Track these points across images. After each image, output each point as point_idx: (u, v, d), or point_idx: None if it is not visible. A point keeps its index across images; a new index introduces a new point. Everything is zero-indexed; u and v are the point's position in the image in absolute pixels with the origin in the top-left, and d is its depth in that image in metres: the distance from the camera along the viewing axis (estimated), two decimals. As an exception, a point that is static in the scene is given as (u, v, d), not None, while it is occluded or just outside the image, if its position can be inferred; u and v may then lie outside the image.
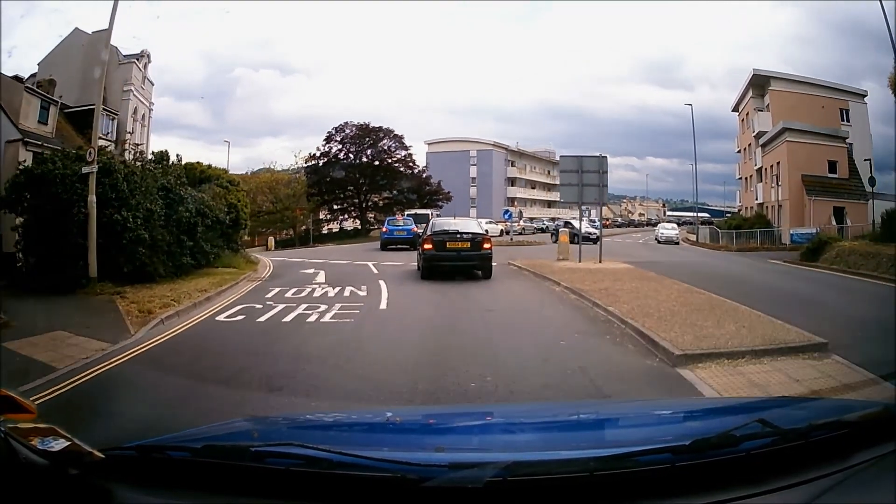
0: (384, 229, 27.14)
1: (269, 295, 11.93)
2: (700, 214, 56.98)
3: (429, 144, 63.39)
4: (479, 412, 2.92)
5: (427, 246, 14.27)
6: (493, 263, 14.79)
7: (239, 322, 9.25)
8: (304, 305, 10.31)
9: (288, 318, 9.20)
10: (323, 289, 12.62)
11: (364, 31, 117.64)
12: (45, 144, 20.19)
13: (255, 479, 1.23)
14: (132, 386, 6.03)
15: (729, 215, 54.85)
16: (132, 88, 25.89)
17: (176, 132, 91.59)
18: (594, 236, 30.34)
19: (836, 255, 20.33)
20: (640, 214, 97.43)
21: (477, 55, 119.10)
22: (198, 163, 18.90)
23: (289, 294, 11.97)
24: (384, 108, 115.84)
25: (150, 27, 78.13)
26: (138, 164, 14.98)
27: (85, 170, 12.96)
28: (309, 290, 12.52)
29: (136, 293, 11.47)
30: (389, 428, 2.07)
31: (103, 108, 25.21)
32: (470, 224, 15.82)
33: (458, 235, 14.22)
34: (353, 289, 12.37)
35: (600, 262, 17.81)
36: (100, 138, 24.67)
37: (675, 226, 41.81)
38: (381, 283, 13.30)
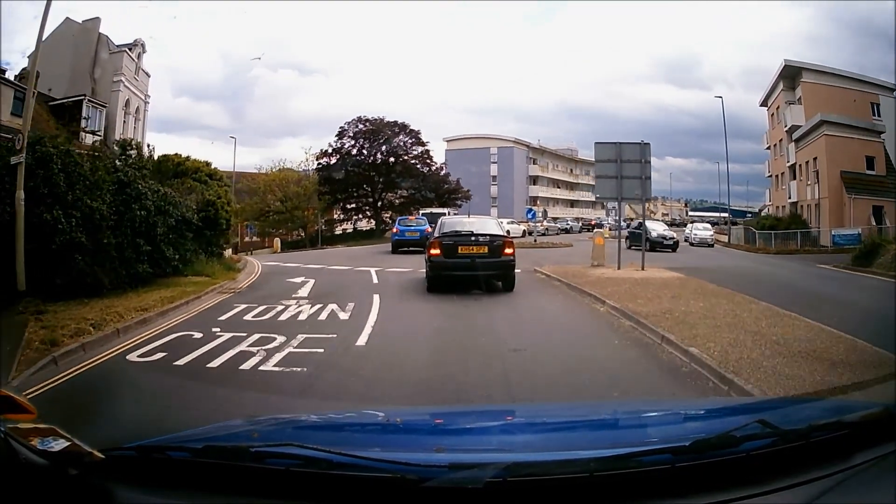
0: (395, 230, 23.75)
1: (225, 317, 8.92)
2: (722, 214, 53.70)
3: (447, 142, 59.73)
4: (479, 412, 2.73)
5: (434, 251, 11.02)
6: (517, 270, 11.58)
7: (150, 365, 6.24)
8: (255, 336, 7.25)
9: (218, 362, 6.11)
10: (298, 307, 9.57)
11: (381, 31, 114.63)
12: (14, 137, 17.77)
13: (255, 480, 1.19)
14: None
15: (750, 215, 51.58)
16: (123, 79, 23.28)
17: (196, 133, 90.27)
18: (670, 241, 24.93)
19: (892, 260, 17.78)
20: (664, 214, 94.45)
21: (494, 55, 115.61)
22: (175, 154, 16.18)
23: (250, 315, 8.94)
24: (402, 107, 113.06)
25: (167, 28, 76.41)
26: (85, 153, 12.28)
27: (13, 160, 10.24)
28: (280, 308, 9.48)
29: (61, 313, 8.71)
30: (389, 428, 1.93)
31: (90, 100, 22.79)
32: (487, 224, 12.41)
33: (473, 238, 11.02)
34: (335, 308, 9.27)
35: (643, 269, 14.52)
36: (86, 132, 22.31)
37: (708, 226, 37.57)
38: (376, 298, 10.19)
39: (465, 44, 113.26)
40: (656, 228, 26.04)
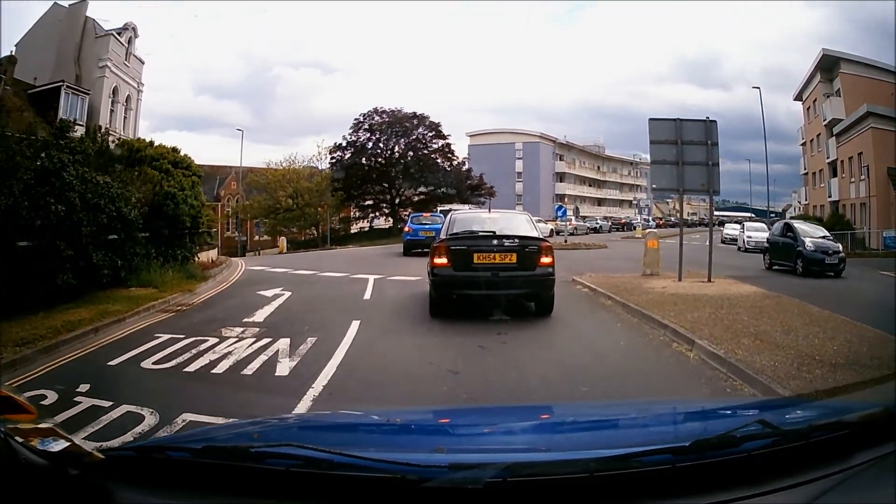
0: (407, 229, 20.04)
1: (119, 360, 5.72)
2: (745, 214, 50.56)
3: (470, 136, 55.80)
4: (479, 412, 2.69)
5: (439, 260, 7.49)
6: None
7: None
8: (119, 412, 4.25)
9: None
10: (235, 343, 6.33)
11: (401, 31, 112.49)
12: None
13: (255, 480, 1.14)
14: None
15: (774, 215, 47.76)
16: (108, 64, 20.58)
17: (218, 131, 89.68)
18: (835, 258, 14.31)
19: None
20: (692, 214, 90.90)
21: (516, 55, 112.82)
22: (138, 139, 13.29)
23: (153, 360, 5.63)
24: (424, 107, 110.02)
25: (188, 26, 74.97)
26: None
27: None
28: (209, 344, 6.29)
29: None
30: (389, 428, 1.82)
31: (68, 86, 20.20)
32: (515, 221, 8.55)
33: (496, 242, 7.48)
34: (283, 348, 5.95)
35: (710, 280, 11.05)
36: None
37: (763, 226, 32.37)
38: (353, 327, 6.94)
39: (487, 44, 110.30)
40: (812, 235, 15.13)
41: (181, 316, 8.45)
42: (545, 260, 7.43)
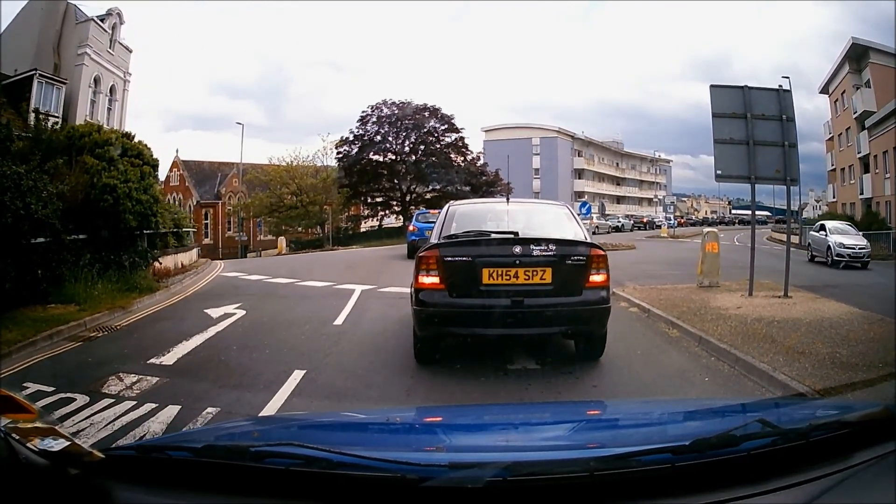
0: (411, 228, 17.35)
1: None
2: (763, 213, 47.70)
3: (486, 132, 53.01)
4: (479, 412, 2.47)
5: (427, 279, 4.73)
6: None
7: None
8: None
9: None
10: (111, 405, 3.95)
11: (416, 30, 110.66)
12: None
13: (255, 479, 1.10)
14: None
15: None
16: (88, 51, 18.48)
17: (234, 130, 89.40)
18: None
19: None
20: (713, 212, 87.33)
21: (531, 54, 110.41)
22: (85, 123, 11.05)
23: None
24: (439, 104, 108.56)
25: (203, 27, 74.15)
26: None
27: None
28: (75, 405, 3.89)
29: None
30: (389, 428, 1.78)
31: (41, 74, 18.16)
32: (548, 217, 5.77)
33: (518, 250, 4.65)
34: (160, 425, 3.64)
35: (786, 294, 8.42)
36: (35, 112, 17.63)
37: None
38: (290, 384, 4.48)
39: (500, 43, 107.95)
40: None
41: (85, 348, 6.14)
42: (597, 278, 4.70)
